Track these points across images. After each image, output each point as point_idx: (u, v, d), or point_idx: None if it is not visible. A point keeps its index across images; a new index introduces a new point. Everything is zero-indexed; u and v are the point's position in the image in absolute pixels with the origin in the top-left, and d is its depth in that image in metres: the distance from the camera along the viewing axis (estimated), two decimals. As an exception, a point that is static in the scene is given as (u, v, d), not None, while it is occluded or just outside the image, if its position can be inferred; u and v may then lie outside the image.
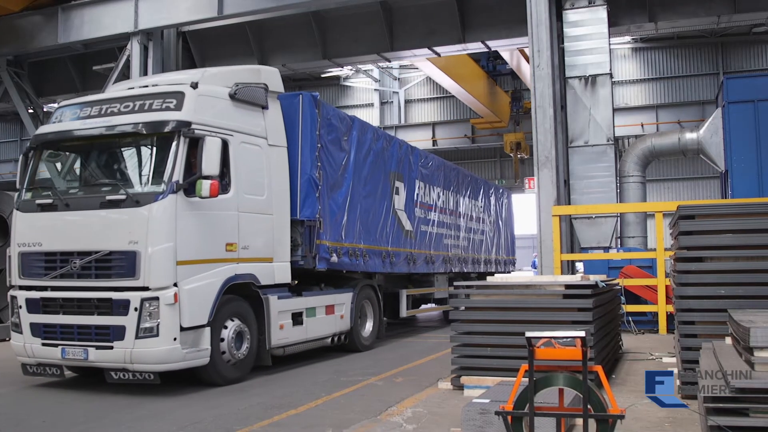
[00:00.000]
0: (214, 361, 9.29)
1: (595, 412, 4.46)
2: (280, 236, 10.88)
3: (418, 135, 37.04)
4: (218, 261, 9.53)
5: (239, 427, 7.08)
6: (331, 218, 11.92)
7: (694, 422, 6.00)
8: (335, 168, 12.15)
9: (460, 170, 20.09)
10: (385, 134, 14.74)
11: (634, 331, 12.87)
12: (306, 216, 11.25)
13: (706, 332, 7.12)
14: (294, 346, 11.15)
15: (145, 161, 9.65)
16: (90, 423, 7.48)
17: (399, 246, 14.73)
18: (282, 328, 10.65)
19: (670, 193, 33.48)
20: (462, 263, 19.14)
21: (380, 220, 13.91)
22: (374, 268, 13.61)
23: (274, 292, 10.56)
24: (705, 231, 7.63)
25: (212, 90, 9.95)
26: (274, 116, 11.04)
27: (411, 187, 15.68)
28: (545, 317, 7.91)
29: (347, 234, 12.46)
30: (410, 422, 6.81)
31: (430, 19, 20.66)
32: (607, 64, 15.72)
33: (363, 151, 13.27)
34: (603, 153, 15.55)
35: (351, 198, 12.65)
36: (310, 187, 11.31)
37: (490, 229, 22.54)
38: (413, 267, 15.53)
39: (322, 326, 11.87)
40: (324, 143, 11.75)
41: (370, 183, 13.55)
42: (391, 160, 14.63)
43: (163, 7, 19.02)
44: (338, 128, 12.38)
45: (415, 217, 15.79)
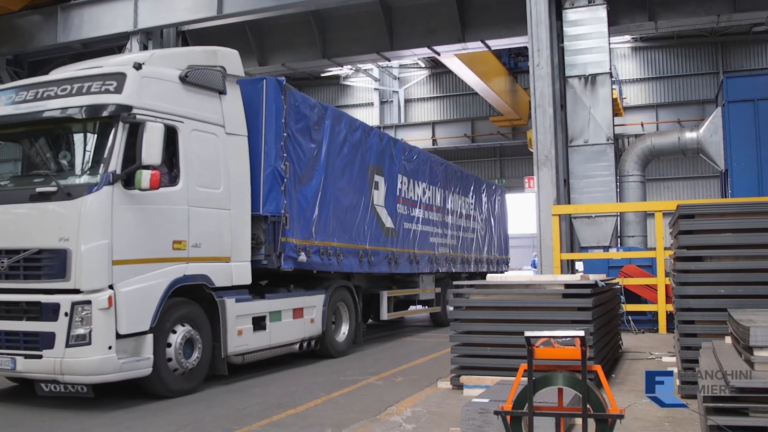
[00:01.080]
0: (159, 372, 8.39)
1: (595, 411, 4.44)
2: (240, 233, 9.95)
3: (417, 134, 37.06)
4: (164, 260, 8.63)
5: (238, 427, 7.07)
6: (300, 214, 11.02)
7: (693, 422, 5.99)
8: (304, 160, 11.23)
9: (449, 165, 19.12)
10: (363, 125, 13.79)
11: (633, 330, 12.86)
12: (270, 211, 10.35)
13: (706, 332, 7.11)
14: (255, 353, 10.22)
15: (81, 150, 8.76)
16: (86, 422, 7.46)
17: (379, 244, 13.79)
18: (240, 333, 9.74)
19: (670, 192, 33.47)
20: (450, 263, 18.19)
21: (357, 216, 12.99)
22: (350, 268, 12.69)
23: (231, 295, 9.62)
24: (705, 230, 7.62)
25: (159, 72, 8.97)
26: (232, 102, 10.11)
27: (392, 181, 14.74)
28: (545, 317, 7.90)
29: (318, 231, 11.56)
30: (409, 422, 6.80)
31: (430, 19, 20.67)
32: (606, 63, 15.71)
33: (337, 142, 12.34)
34: (603, 152, 15.54)
35: (323, 192, 11.73)
36: (275, 179, 10.42)
37: (482, 227, 21.50)
38: (395, 267, 14.60)
39: (289, 331, 10.97)
40: (291, 132, 10.83)
41: (346, 177, 12.64)
42: (370, 152, 13.67)
43: (162, 6, 19.02)
44: (308, 117, 11.42)
45: (397, 214, 14.88)
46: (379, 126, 36.71)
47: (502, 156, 38.51)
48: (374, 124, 36.28)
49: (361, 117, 37.48)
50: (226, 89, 9.92)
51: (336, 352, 12.22)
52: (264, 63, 22.68)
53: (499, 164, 38.68)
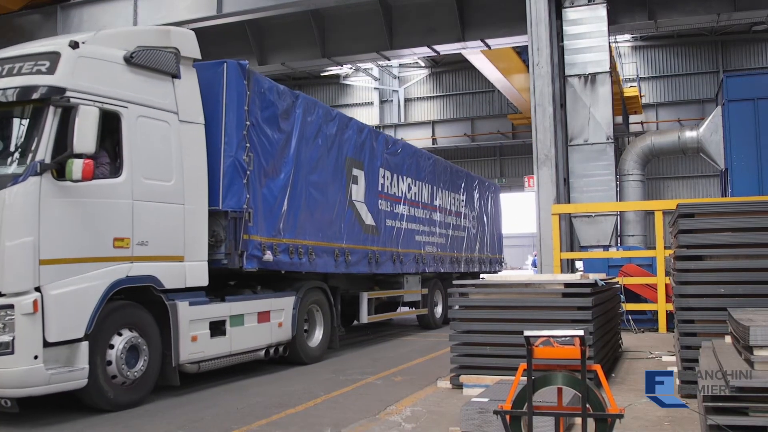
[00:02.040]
0: (97, 383, 7.56)
1: (594, 411, 4.44)
2: (195, 230, 9.05)
3: (417, 133, 37.07)
4: (103, 260, 7.76)
5: (238, 426, 7.06)
6: (266, 209, 10.20)
7: (693, 421, 5.98)
8: (271, 151, 10.41)
9: (437, 159, 18.08)
10: (341, 115, 12.89)
11: (633, 329, 12.85)
12: (230, 206, 9.49)
13: (706, 331, 7.09)
14: (213, 361, 9.26)
15: (11, 137, 7.93)
16: (83, 422, 7.45)
17: (357, 243, 12.89)
18: (195, 340, 8.83)
19: (670, 191, 33.48)
20: (438, 263, 17.22)
21: (333, 213, 12.12)
22: (324, 268, 11.78)
23: (184, 298, 8.74)
24: (705, 229, 7.61)
25: (100, 51, 8.10)
26: (188, 87, 9.20)
27: (373, 176, 13.81)
28: (544, 316, 7.89)
29: (287, 228, 10.68)
30: (409, 421, 6.79)
31: (430, 18, 20.67)
32: (606, 62, 15.70)
33: (310, 132, 11.47)
34: (602, 151, 15.53)
35: (293, 186, 10.87)
36: (236, 172, 9.59)
37: (474, 225, 20.45)
38: (376, 267, 13.69)
39: (253, 336, 10.08)
40: (256, 121, 10.04)
41: (320, 170, 11.75)
42: (348, 144, 12.80)
43: (162, 5, 19.04)
44: (275, 104, 10.57)
45: (378, 211, 13.95)
46: (379, 125, 36.76)
47: (502, 155, 38.52)
48: (374, 124, 36.38)
49: (361, 116, 37.62)
50: (180, 73, 9.06)
51: (308, 358, 11.35)
52: (264, 62, 22.70)
53: (499, 163, 38.69)
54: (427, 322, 17.01)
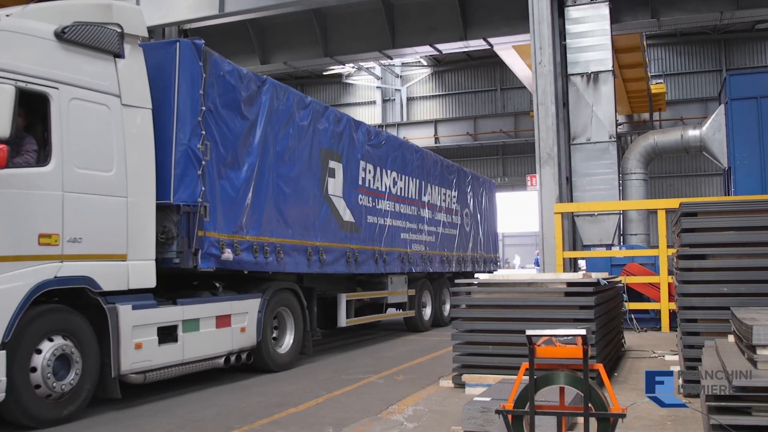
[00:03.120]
0: (19, 397, 6.79)
1: (596, 410, 4.42)
2: (140, 226, 8.18)
3: (420, 132, 37.09)
4: (25, 258, 6.95)
5: (239, 426, 7.05)
6: (225, 204, 9.35)
7: (696, 421, 5.97)
8: (231, 139, 9.57)
9: (426, 153, 17.14)
10: (315, 103, 11.95)
11: (636, 328, 12.84)
12: (182, 200, 8.63)
13: (709, 330, 7.07)
14: (162, 371, 8.37)
15: None
16: (86, 422, 7.44)
17: (334, 240, 12.05)
18: (140, 347, 7.95)
19: (673, 190, 33.45)
20: (427, 262, 16.28)
21: (305, 208, 11.29)
22: (294, 267, 10.91)
23: (126, 301, 7.85)
24: (708, 228, 7.58)
25: (24, 26, 7.32)
26: (133, 68, 8.33)
27: (353, 169, 12.99)
28: (547, 315, 7.87)
29: (251, 224, 9.84)
30: (411, 420, 6.78)
31: (431, 16, 20.67)
32: (609, 61, 15.65)
33: (279, 120, 10.64)
34: (605, 150, 15.49)
35: (258, 179, 10.03)
36: (189, 161, 8.75)
37: (466, 222, 19.41)
38: (356, 267, 12.80)
39: (211, 343, 9.21)
40: (214, 107, 9.20)
41: (290, 161, 10.90)
42: (324, 134, 11.93)
43: (164, 5, 18.99)
44: (237, 89, 9.75)
45: (359, 206, 13.11)
46: (381, 124, 36.80)
47: (505, 154, 38.52)
48: (376, 123, 36.44)
49: (363, 115, 37.71)
50: (123, 52, 8.17)
51: (276, 365, 10.51)
52: (266, 62, 22.72)
53: (502, 162, 38.68)
54: (415, 325, 16.24)
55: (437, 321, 17.09)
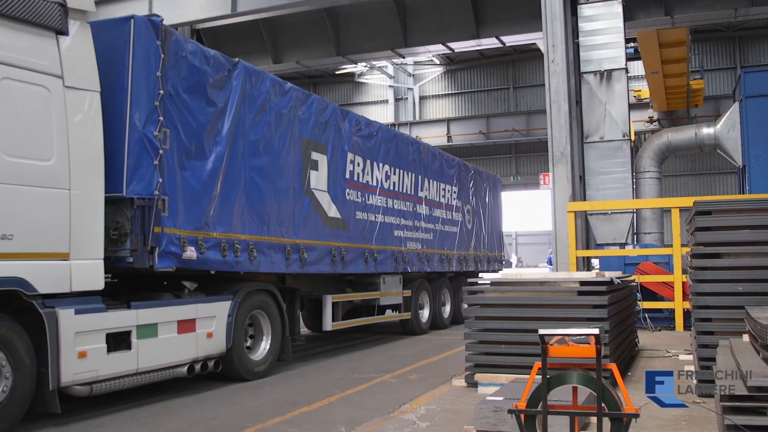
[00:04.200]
0: None
1: (610, 410, 4.40)
2: (85, 221, 7.31)
3: (432, 131, 37.06)
4: None
5: (252, 424, 7.06)
6: (188, 197, 8.51)
7: (710, 421, 5.93)
8: (196, 127, 8.72)
9: (423, 145, 16.20)
10: (296, 90, 10.94)
11: (650, 328, 12.78)
12: (137, 192, 7.79)
13: (723, 329, 7.03)
14: (112, 381, 7.50)
15: None
16: (102, 419, 7.47)
17: (316, 238, 11.13)
18: (84, 356, 7.11)
19: (687, 188, 33.28)
20: (424, 261, 15.25)
21: (283, 202, 10.37)
22: (269, 267, 10.03)
23: (68, 304, 7.00)
24: (722, 227, 7.54)
25: None
26: (78, 47, 7.44)
27: (340, 161, 12.06)
28: (560, 314, 7.85)
29: (219, 220, 8.98)
30: (423, 420, 6.77)
31: (444, 15, 20.67)
32: (622, 59, 15.61)
33: (253, 107, 9.77)
34: (618, 148, 15.45)
35: (228, 170, 9.17)
36: (144, 150, 7.90)
37: (468, 219, 18.26)
38: (342, 266, 11.93)
39: (171, 350, 8.30)
40: (174, 90, 8.35)
41: (267, 152, 10.04)
42: (306, 123, 11.02)
43: (177, 4, 19.10)
44: (203, 72, 8.88)
45: (346, 201, 12.16)
46: (393, 123, 36.79)
47: (518, 153, 38.44)
48: (389, 122, 36.45)
49: (375, 114, 37.73)
50: (67, 28, 7.30)
51: (249, 373, 9.64)
52: (278, 61, 22.79)
53: (515, 161, 38.60)
54: (411, 328, 15.20)
55: (436, 323, 16.23)
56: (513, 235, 55.02)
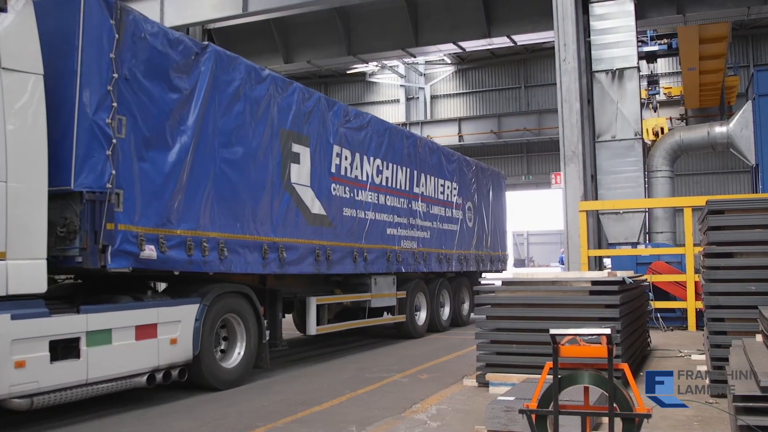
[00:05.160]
0: None
1: (621, 410, 4.38)
2: (24, 217, 6.69)
3: (444, 131, 37.02)
4: None
5: (262, 424, 7.07)
6: (147, 191, 7.84)
7: (723, 421, 5.90)
8: (157, 114, 8.06)
9: (420, 139, 15.42)
10: (276, 77, 10.26)
11: (662, 327, 12.72)
12: (86, 185, 7.12)
13: (736, 329, 7.00)
14: (56, 394, 6.82)
15: None
16: (112, 418, 7.50)
17: (298, 236, 10.42)
18: (22, 366, 6.48)
19: (699, 187, 33.12)
20: (420, 261, 14.48)
21: (259, 198, 9.65)
22: (243, 267, 9.31)
23: (3, 309, 6.43)
24: (735, 226, 7.51)
25: None
26: (18, 26, 6.85)
27: (324, 154, 11.32)
28: (572, 314, 7.81)
29: (184, 216, 8.30)
30: (434, 419, 6.76)
31: (455, 14, 20.67)
32: (634, 57, 15.56)
33: (224, 95, 9.10)
34: (630, 147, 15.39)
35: (194, 162, 8.50)
36: (95, 139, 7.24)
37: (469, 217, 17.40)
38: (327, 266, 11.19)
39: (128, 358, 7.59)
40: (131, 74, 7.70)
41: (240, 143, 9.32)
42: (286, 113, 10.32)
43: (188, 4, 19.18)
44: (166, 55, 8.22)
45: (331, 197, 11.44)
46: (405, 123, 36.79)
47: (529, 152, 38.32)
48: (400, 121, 36.45)
49: (387, 114, 37.73)
50: (5, 5, 6.76)
51: (220, 382, 8.94)
52: (289, 60, 22.84)
53: (526, 160, 38.49)
54: (406, 331, 14.41)
55: (434, 326, 15.44)
56: (525, 234, 54.98)
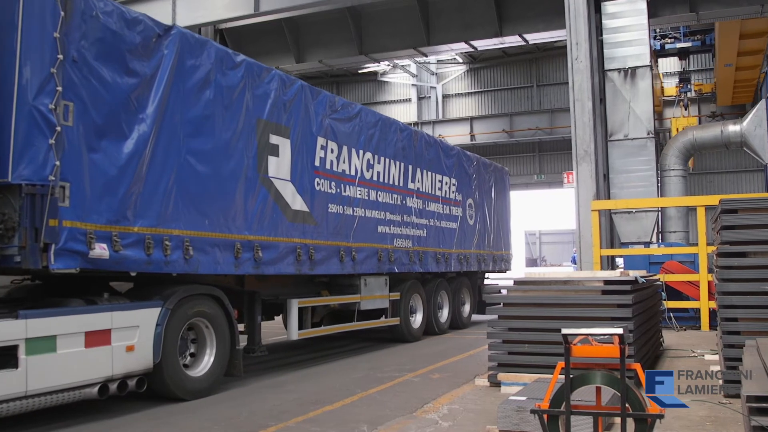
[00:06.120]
0: None
1: (634, 411, 4.36)
2: None
3: (455, 130, 36.98)
4: None
5: (274, 423, 7.07)
6: (98, 184, 7.12)
7: (736, 422, 5.86)
8: (111, 101, 7.33)
9: (416, 132, 14.44)
10: (251, 63, 9.51)
11: (675, 327, 12.68)
12: (26, 177, 6.51)
13: (750, 329, 6.96)
14: None
15: None
16: (126, 417, 7.52)
17: (276, 234, 9.67)
18: None
19: (713, 186, 32.95)
20: (415, 261, 13.67)
21: (231, 192, 8.90)
22: (212, 268, 8.53)
23: None
24: (748, 225, 7.46)
25: None
26: None
27: (307, 146, 10.53)
28: (584, 313, 7.79)
29: (143, 211, 7.58)
30: (446, 419, 6.75)
31: (466, 13, 20.68)
32: (646, 56, 15.51)
33: (191, 81, 8.37)
34: (643, 146, 15.34)
35: (155, 153, 7.78)
36: (35, 127, 6.60)
37: (470, 214, 16.52)
38: (310, 266, 10.45)
39: (76, 368, 6.91)
40: (80, 56, 7.00)
41: (209, 133, 8.61)
42: (262, 102, 9.59)
43: (200, 5, 19.25)
44: (121, 36, 7.49)
45: (315, 192, 10.67)
46: (417, 122, 36.77)
47: (541, 151, 38.23)
48: (412, 121, 36.41)
49: (398, 113, 37.72)
50: None
51: (185, 392, 8.21)
52: (301, 60, 22.88)
53: (538, 159, 38.40)
54: (401, 334, 13.62)
55: (431, 329, 14.65)
56: (537, 234, 54.89)
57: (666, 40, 29.06)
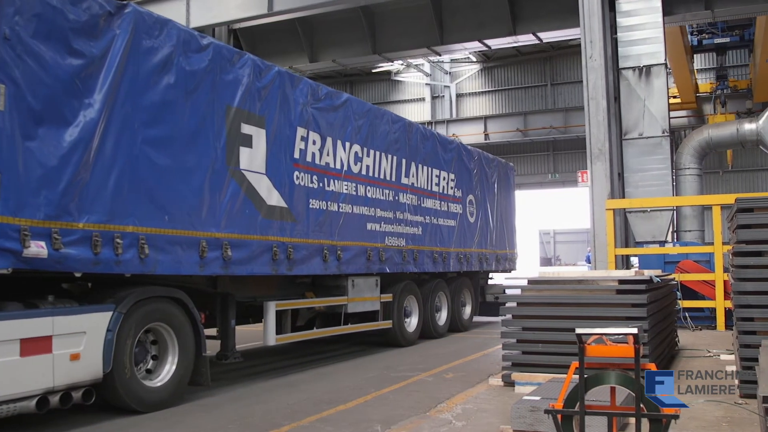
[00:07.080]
0: None
1: (648, 411, 4.33)
2: None
3: (469, 129, 36.93)
4: None
5: (288, 422, 7.08)
6: (36, 175, 6.37)
7: (752, 423, 5.82)
8: (51, 83, 6.58)
9: (410, 123, 13.52)
10: (219, 46, 8.78)
11: (690, 327, 12.61)
12: None
13: (766, 329, 6.91)
14: None
15: None
16: (136, 416, 7.54)
17: (248, 231, 8.90)
18: None
19: (728, 185, 32.74)
20: (409, 260, 12.84)
21: (195, 186, 8.12)
22: (173, 268, 7.79)
23: None
24: (764, 224, 7.40)
25: None
26: None
27: (285, 137, 9.73)
28: (598, 313, 7.76)
29: (89, 206, 6.85)
30: (459, 419, 6.74)
31: (480, 11, 20.65)
32: (661, 54, 15.41)
33: (148, 64, 7.59)
34: (658, 145, 15.25)
35: (104, 141, 7.02)
36: None
37: (470, 212, 15.64)
38: (289, 266, 9.67)
39: (8, 379, 6.13)
40: (12, 33, 6.24)
41: (169, 121, 7.82)
42: (233, 88, 8.82)
43: (213, 5, 19.31)
44: (62, 13, 6.73)
45: (294, 187, 9.86)
46: (430, 121, 36.73)
47: (555, 150, 38.09)
48: (426, 120, 36.36)
49: (412, 112, 37.72)
50: None
51: (142, 404, 7.54)
52: (314, 59, 22.92)
53: (552, 158, 38.26)
54: (394, 338, 12.95)
55: (428, 332, 13.96)
56: (551, 233, 54.63)
57: (703, 35, 28.31)
